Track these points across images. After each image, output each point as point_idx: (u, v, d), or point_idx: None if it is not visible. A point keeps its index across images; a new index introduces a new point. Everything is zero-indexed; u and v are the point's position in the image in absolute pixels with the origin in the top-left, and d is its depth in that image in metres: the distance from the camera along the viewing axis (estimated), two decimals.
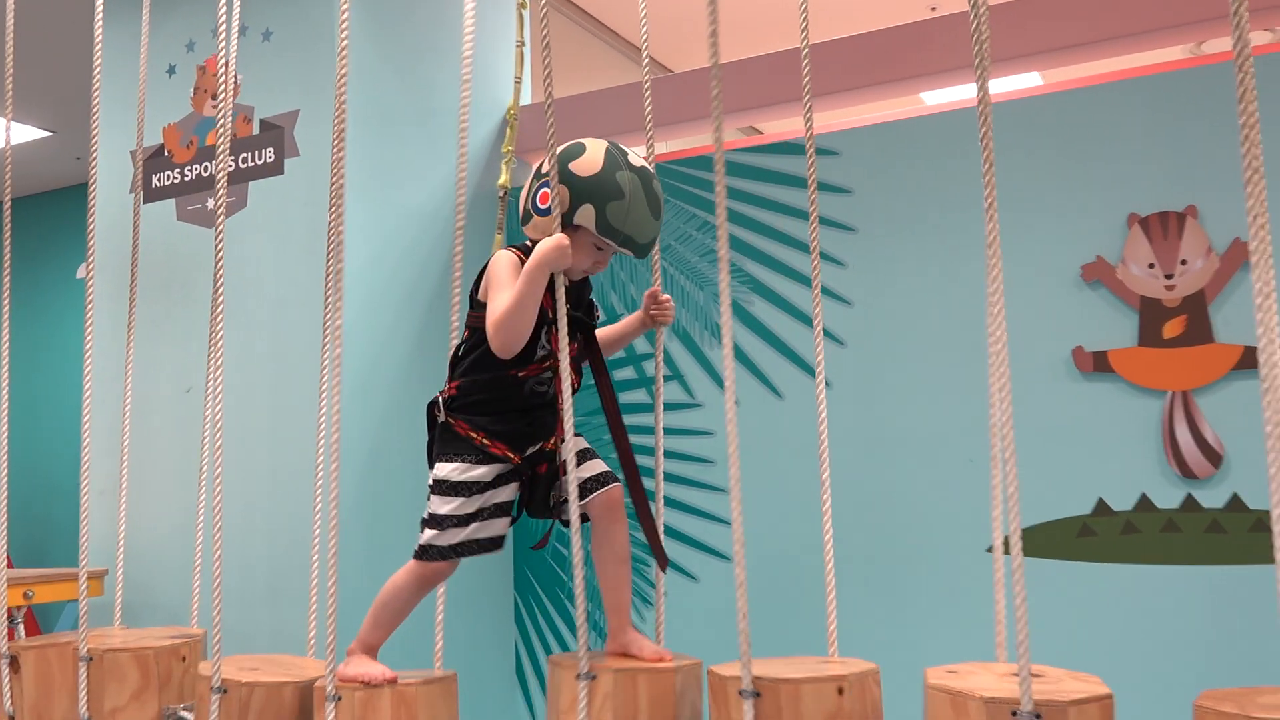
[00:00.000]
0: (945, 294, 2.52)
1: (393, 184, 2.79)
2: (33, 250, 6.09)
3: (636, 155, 1.71)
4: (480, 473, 1.72)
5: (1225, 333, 2.27)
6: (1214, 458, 2.26)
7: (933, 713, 1.44)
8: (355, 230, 2.58)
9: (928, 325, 2.54)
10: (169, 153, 2.90)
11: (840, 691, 1.51)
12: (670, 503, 2.78)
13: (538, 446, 1.74)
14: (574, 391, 1.70)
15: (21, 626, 2.76)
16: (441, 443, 1.75)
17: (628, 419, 1.81)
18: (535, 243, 1.69)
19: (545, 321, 1.69)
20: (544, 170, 1.67)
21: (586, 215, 1.64)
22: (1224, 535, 2.25)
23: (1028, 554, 2.37)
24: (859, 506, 2.55)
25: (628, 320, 1.87)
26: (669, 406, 2.80)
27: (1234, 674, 1.75)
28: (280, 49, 2.76)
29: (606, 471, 1.75)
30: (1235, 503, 2.24)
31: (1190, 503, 2.28)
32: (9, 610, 2.52)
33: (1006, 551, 2.08)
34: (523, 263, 1.67)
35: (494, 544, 1.76)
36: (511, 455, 1.71)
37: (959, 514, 2.45)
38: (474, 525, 1.73)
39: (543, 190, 1.67)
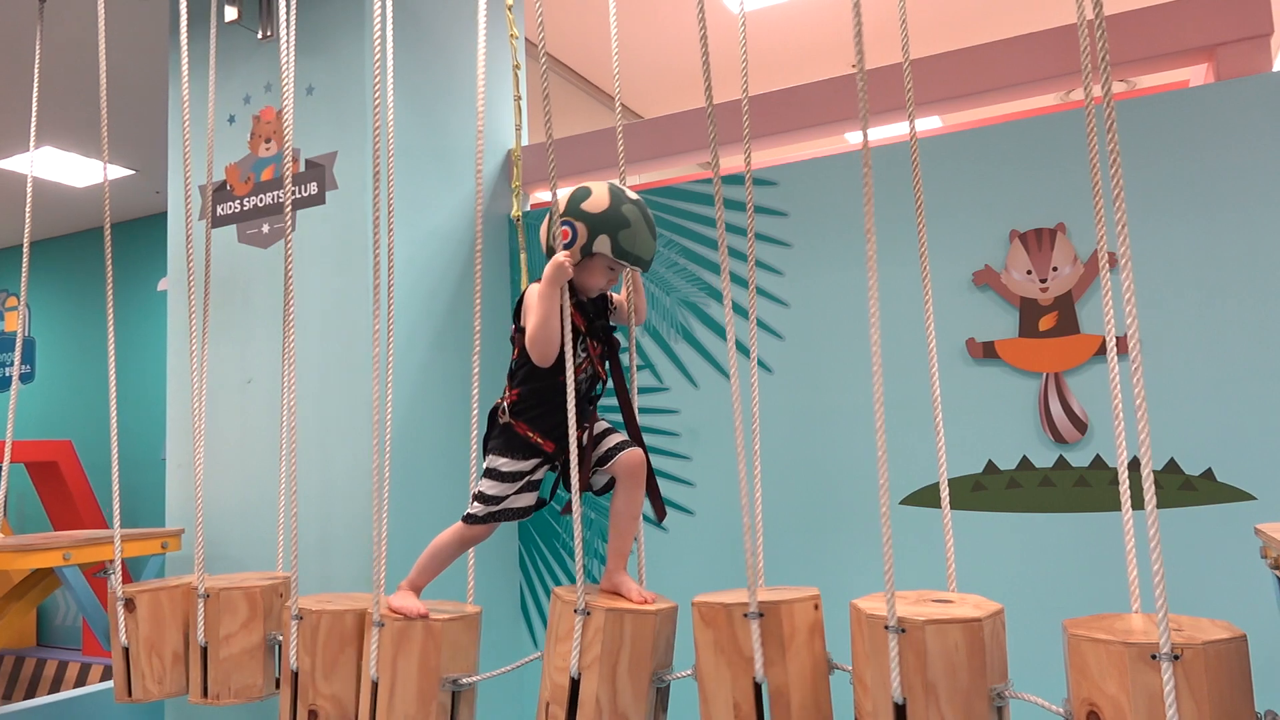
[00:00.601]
0: (864, 296, 2.53)
1: (415, 210, 2.79)
2: (120, 268, 6.05)
3: (630, 191, 1.75)
4: (527, 465, 1.76)
5: (1088, 325, 2.30)
6: (1080, 426, 2.29)
7: (852, 627, 1.51)
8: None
9: (850, 322, 2.56)
10: (230, 187, 2.89)
11: (816, 607, 1.59)
12: None
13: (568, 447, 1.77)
14: (602, 382, 1.78)
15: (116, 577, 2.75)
16: (501, 440, 1.78)
17: (614, 399, 1.85)
18: None
19: (578, 333, 1.73)
20: (559, 214, 1.71)
21: (603, 244, 1.68)
22: (1089, 488, 2.28)
23: (930, 506, 2.40)
24: (798, 468, 2.58)
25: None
26: (643, 390, 2.81)
27: (1097, 601, 1.79)
28: (321, 101, 2.75)
29: (628, 440, 1.78)
30: (1097, 462, 2.28)
31: (1061, 462, 2.31)
32: (104, 563, 2.51)
33: (923, 504, 2.14)
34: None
35: (524, 513, 1.81)
36: (555, 450, 1.75)
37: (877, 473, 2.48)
38: (510, 497, 1.78)
39: (562, 229, 1.70)
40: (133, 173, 5.27)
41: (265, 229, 2.81)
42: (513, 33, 2.89)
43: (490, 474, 1.78)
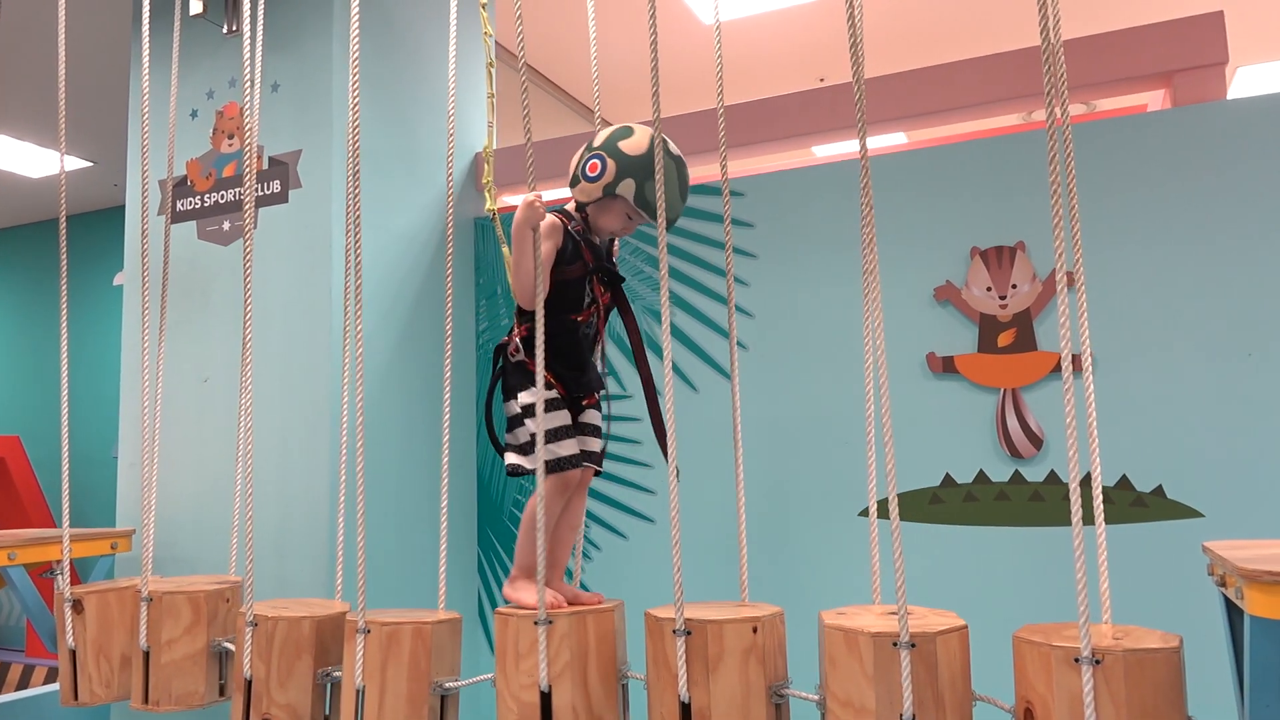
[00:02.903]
0: (828, 308, 2.56)
1: (382, 212, 2.76)
2: (76, 261, 5.94)
3: (675, 145, 1.69)
4: (552, 394, 1.67)
5: (1045, 343, 2.34)
6: (1036, 441, 2.33)
7: (830, 648, 1.46)
8: None
9: (814, 333, 2.58)
10: (191, 183, 2.85)
11: (755, 630, 1.53)
12: (605, 476, 2.79)
13: (581, 397, 1.73)
14: (601, 334, 1.75)
15: (63, 578, 2.69)
16: (518, 375, 1.69)
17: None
18: (578, 205, 1.68)
19: (587, 273, 1.67)
20: (595, 145, 1.66)
21: (627, 188, 1.62)
22: (1043, 503, 2.32)
23: (889, 518, 2.42)
24: (758, 480, 2.59)
25: None
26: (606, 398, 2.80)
27: (1048, 612, 1.80)
28: (286, 98, 2.72)
29: (597, 454, 1.74)
30: (1052, 477, 2.32)
31: (1017, 477, 2.35)
32: (50, 564, 2.45)
33: (882, 515, 2.15)
34: (562, 225, 1.66)
35: (597, 459, 1.75)
36: (563, 392, 1.68)
37: (836, 485, 2.50)
38: (578, 438, 1.70)
39: (592, 160, 1.65)
40: (91, 164, 5.17)
41: (226, 226, 2.77)
42: (486, 30, 2.88)
43: (526, 412, 1.66)
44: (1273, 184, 2.19)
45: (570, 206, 1.72)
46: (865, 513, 2.46)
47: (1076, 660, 1.28)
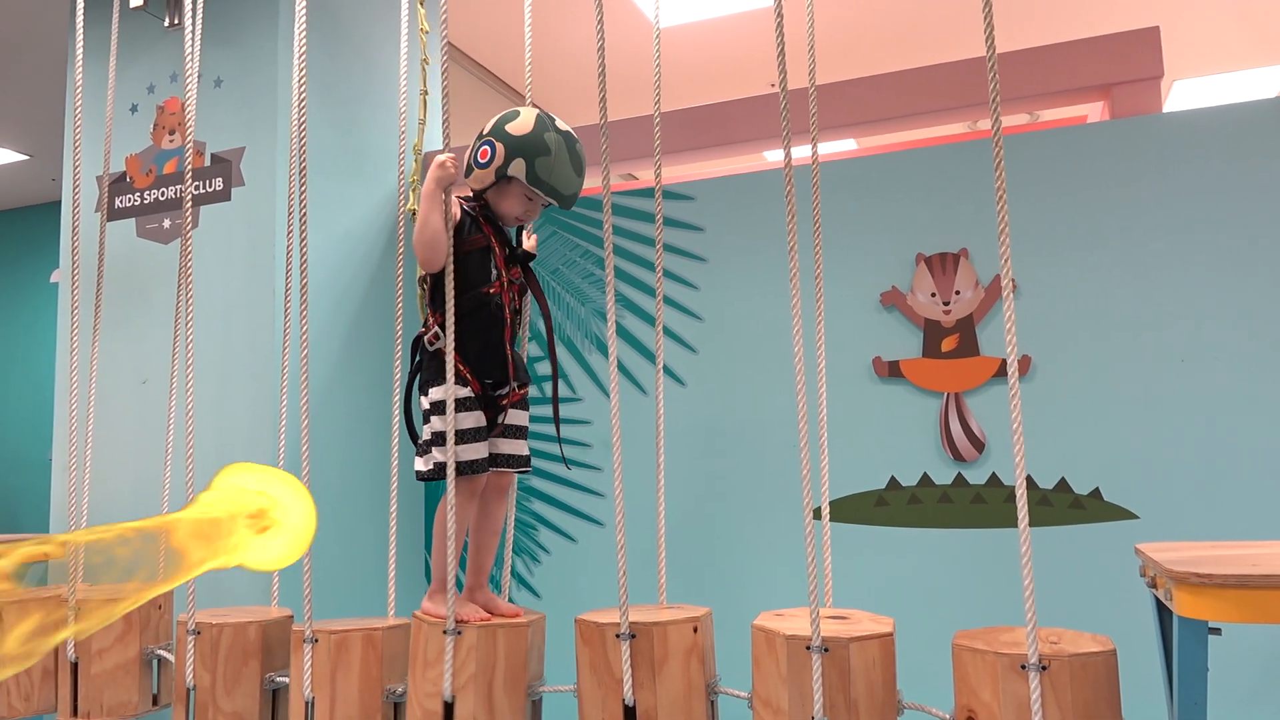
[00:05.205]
0: (775, 312, 2.57)
1: (327, 211, 2.72)
2: (11, 257, 5.77)
3: (563, 123, 1.69)
4: (465, 392, 1.63)
5: (988, 348, 2.38)
6: (978, 445, 2.36)
7: (755, 648, 1.49)
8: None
9: (762, 337, 2.59)
10: (130, 179, 2.78)
11: (695, 630, 1.55)
12: (554, 478, 2.78)
13: (498, 393, 1.67)
14: (518, 312, 1.70)
15: None
16: (434, 368, 1.64)
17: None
18: (476, 193, 1.68)
19: (489, 245, 1.66)
20: (484, 132, 1.66)
21: (518, 168, 1.62)
22: (985, 505, 2.35)
23: (837, 520, 2.44)
24: (706, 481, 2.59)
25: None
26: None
27: (991, 614, 1.83)
28: (229, 94, 2.67)
29: (517, 457, 1.71)
30: (994, 480, 2.35)
31: (960, 480, 2.38)
32: None
33: (817, 518, 2.16)
34: (464, 212, 1.67)
35: (518, 462, 1.72)
36: (478, 389, 1.65)
37: (786, 487, 2.51)
38: (493, 440, 1.66)
39: (483, 147, 1.65)
40: (27, 158, 5.02)
41: (166, 224, 2.70)
42: (423, 27, 2.84)
43: (436, 409, 1.62)
44: (1205, 195, 2.25)
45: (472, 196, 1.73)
46: (815, 515, 2.48)
47: (1023, 667, 1.28)
